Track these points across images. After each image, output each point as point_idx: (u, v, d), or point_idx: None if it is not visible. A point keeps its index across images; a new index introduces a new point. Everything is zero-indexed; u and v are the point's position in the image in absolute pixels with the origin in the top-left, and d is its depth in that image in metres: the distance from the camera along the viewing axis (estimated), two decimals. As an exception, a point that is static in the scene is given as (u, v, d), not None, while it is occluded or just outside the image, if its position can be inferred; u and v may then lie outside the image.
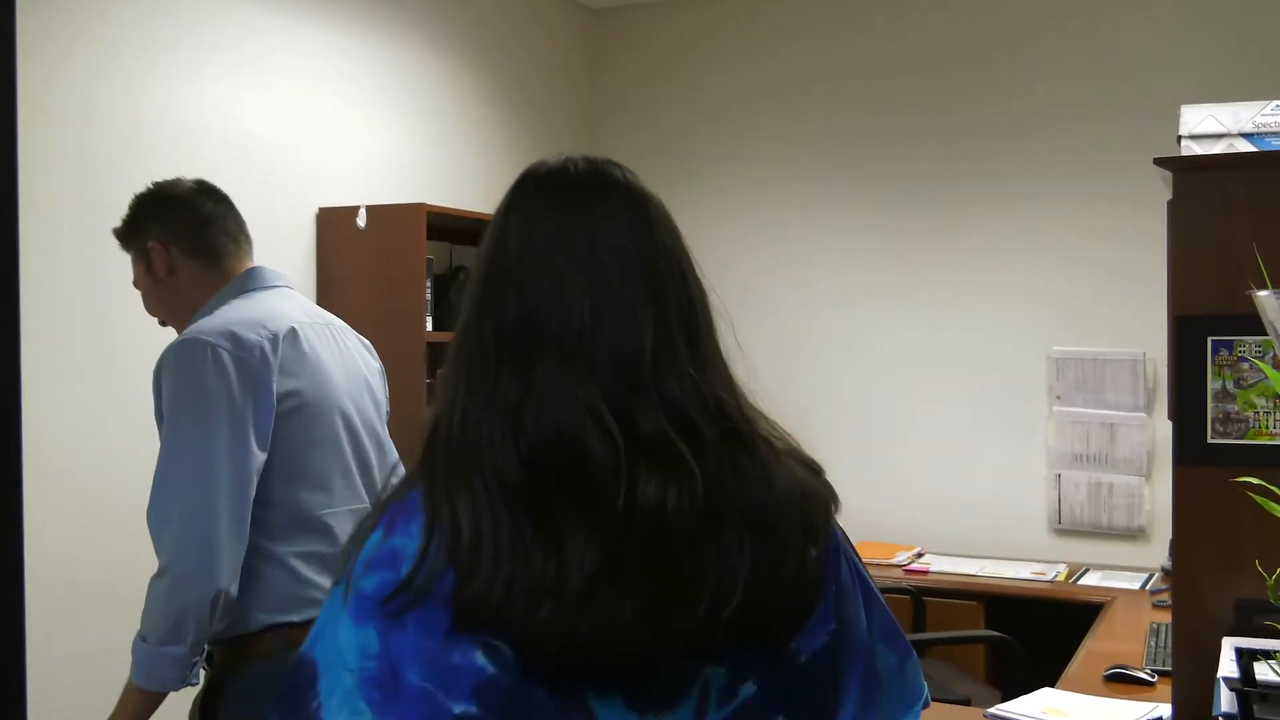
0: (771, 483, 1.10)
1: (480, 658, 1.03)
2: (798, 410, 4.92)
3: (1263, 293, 0.94)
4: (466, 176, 4.49)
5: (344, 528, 2.24)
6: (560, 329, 1.08)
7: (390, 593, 1.05)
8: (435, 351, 3.90)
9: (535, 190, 1.17)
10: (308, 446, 2.23)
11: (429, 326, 3.78)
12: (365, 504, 2.32)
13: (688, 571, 1.03)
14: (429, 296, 3.79)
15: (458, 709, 1.02)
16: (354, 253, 3.78)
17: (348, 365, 2.40)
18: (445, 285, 4.14)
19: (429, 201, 3.90)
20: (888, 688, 1.21)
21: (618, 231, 1.14)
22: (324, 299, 3.81)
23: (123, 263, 2.46)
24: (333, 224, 3.81)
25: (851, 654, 1.16)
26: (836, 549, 1.18)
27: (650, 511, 1.03)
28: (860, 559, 1.22)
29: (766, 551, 1.06)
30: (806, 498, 1.13)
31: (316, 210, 3.82)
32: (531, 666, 1.03)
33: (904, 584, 4.02)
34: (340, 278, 3.80)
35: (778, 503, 1.09)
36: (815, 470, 1.20)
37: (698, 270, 1.22)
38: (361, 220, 3.75)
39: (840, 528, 1.20)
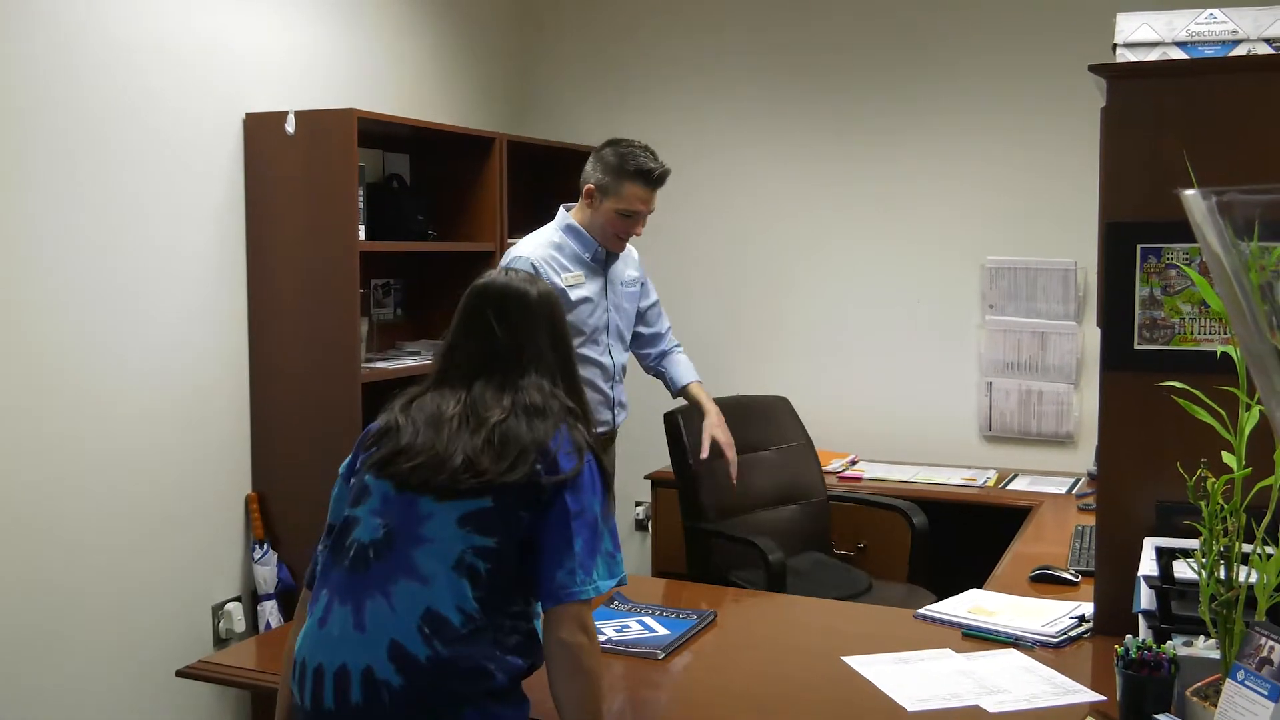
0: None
1: None
2: (733, 323, 4.95)
3: (1189, 191, 0.95)
4: (399, 81, 4.39)
5: None
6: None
7: None
8: (369, 261, 3.85)
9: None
10: None
11: (362, 236, 3.71)
12: None
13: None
14: (361, 205, 3.72)
15: None
16: (283, 160, 3.68)
17: None
18: (378, 194, 4.07)
19: (360, 107, 3.80)
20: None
21: None
22: (253, 208, 3.72)
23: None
24: (261, 130, 3.71)
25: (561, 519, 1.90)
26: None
27: None
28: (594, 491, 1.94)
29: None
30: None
31: (244, 115, 3.71)
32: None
33: (838, 491, 4.09)
34: (270, 186, 3.71)
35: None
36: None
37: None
38: (290, 126, 3.65)
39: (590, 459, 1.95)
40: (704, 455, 3.31)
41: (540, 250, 3.38)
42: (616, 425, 3.55)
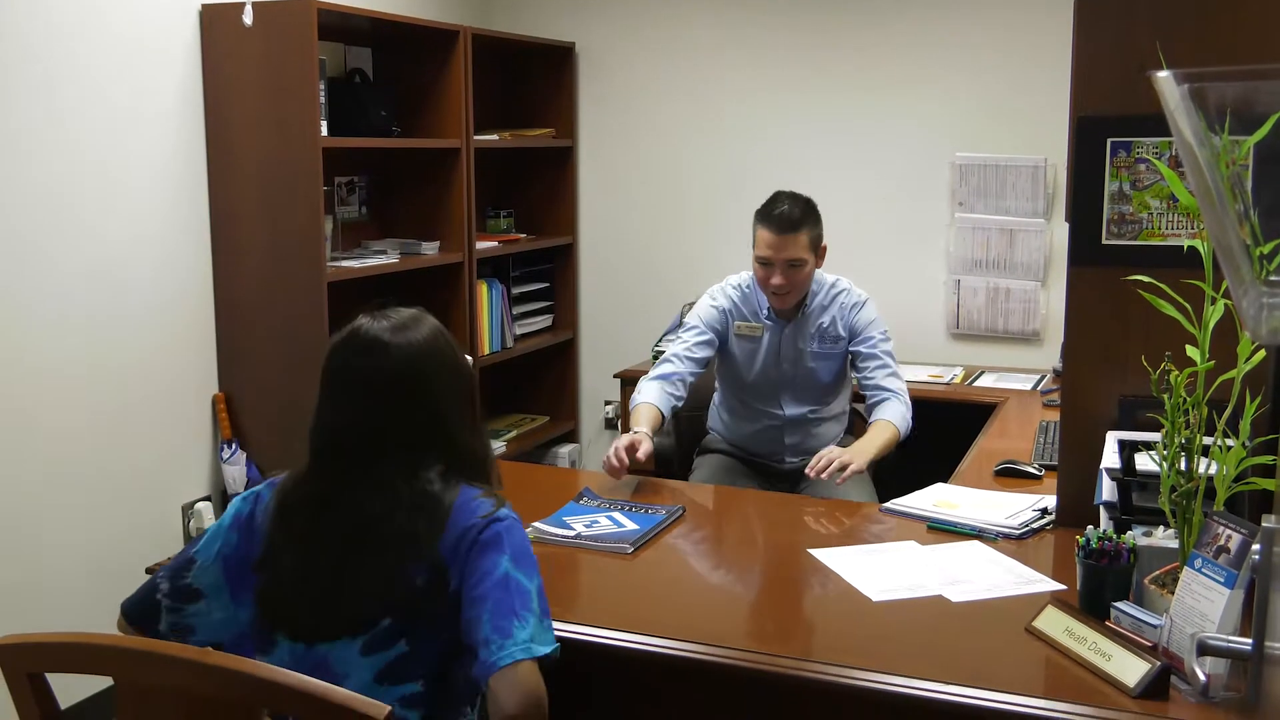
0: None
1: None
2: (701, 221, 4.92)
3: (1163, 73, 0.93)
4: (359, -27, 4.28)
5: None
6: None
7: None
8: (331, 158, 3.78)
9: None
10: None
11: (324, 132, 3.64)
12: None
13: None
14: (323, 100, 3.64)
15: None
16: (241, 54, 3.59)
17: None
18: (340, 89, 3.98)
19: (320, -2, 3.70)
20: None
21: None
22: (212, 105, 3.64)
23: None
24: (217, 22, 3.61)
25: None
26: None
27: None
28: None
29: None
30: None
31: (199, 7, 3.61)
32: None
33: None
34: (228, 82, 3.62)
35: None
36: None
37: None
38: (248, 18, 3.55)
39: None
40: (809, 471, 2.88)
41: (727, 289, 3.35)
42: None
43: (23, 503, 3.14)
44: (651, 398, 3.09)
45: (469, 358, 2.05)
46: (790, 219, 3.11)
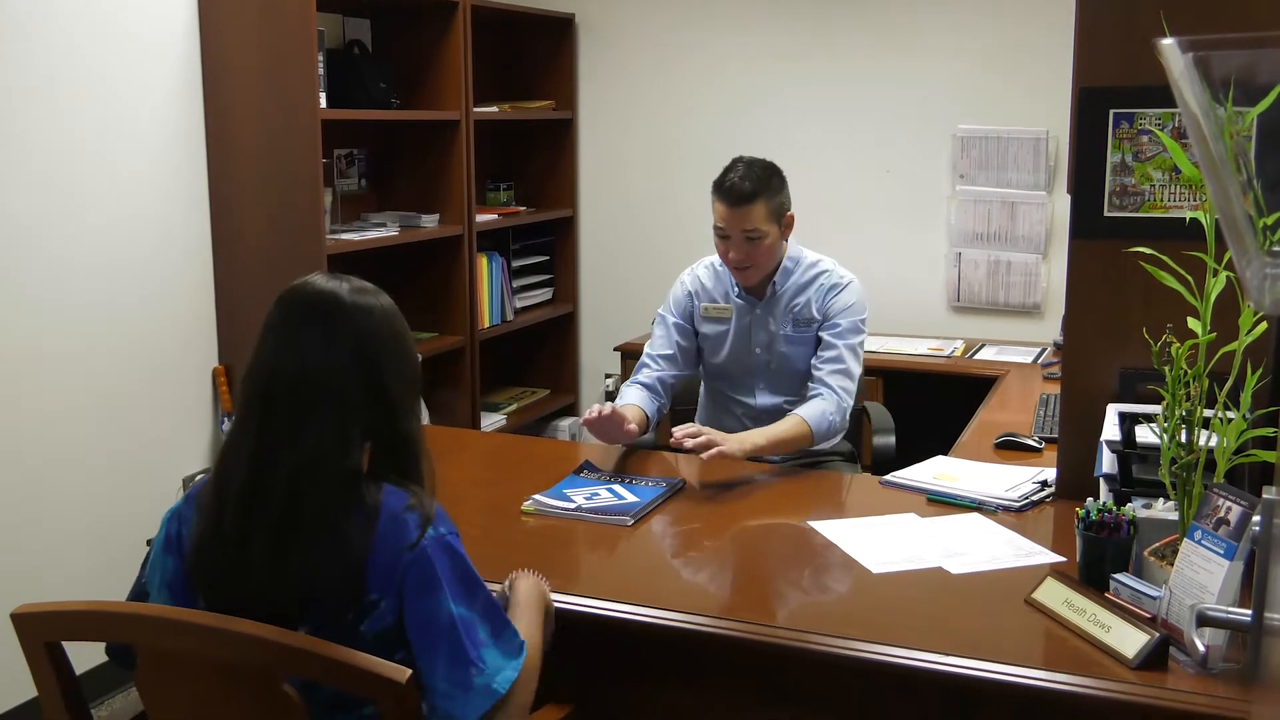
0: None
1: None
2: (700, 195, 4.87)
3: (1167, 41, 0.93)
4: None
5: None
6: None
7: None
8: (330, 131, 3.77)
9: None
10: None
11: (323, 104, 3.62)
12: None
13: None
14: (322, 72, 3.62)
15: None
16: (239, 26, 3.57)
17: None
18: (339, 60, 3.96)
19: (317, -31, 3.68)
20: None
21: None
22: (210, 76, 3.62)
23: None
24: (215, -7, 3.60)
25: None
26: None
27: None
28: None
29: None
30: None
31: (197, -22, 3.60)
32: None
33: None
34: (226, 54, 3.60)
35: None
36: None
37: None
38: (245, -11, 3.53)
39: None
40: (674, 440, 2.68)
41: (698, 269, 3.19)
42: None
43: (24, 475, 3.15)
44: (632, 399, 2.97)
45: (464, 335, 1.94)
46: (741, 190, 2.89)
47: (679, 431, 2.60)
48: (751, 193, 2.89)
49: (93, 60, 3.26)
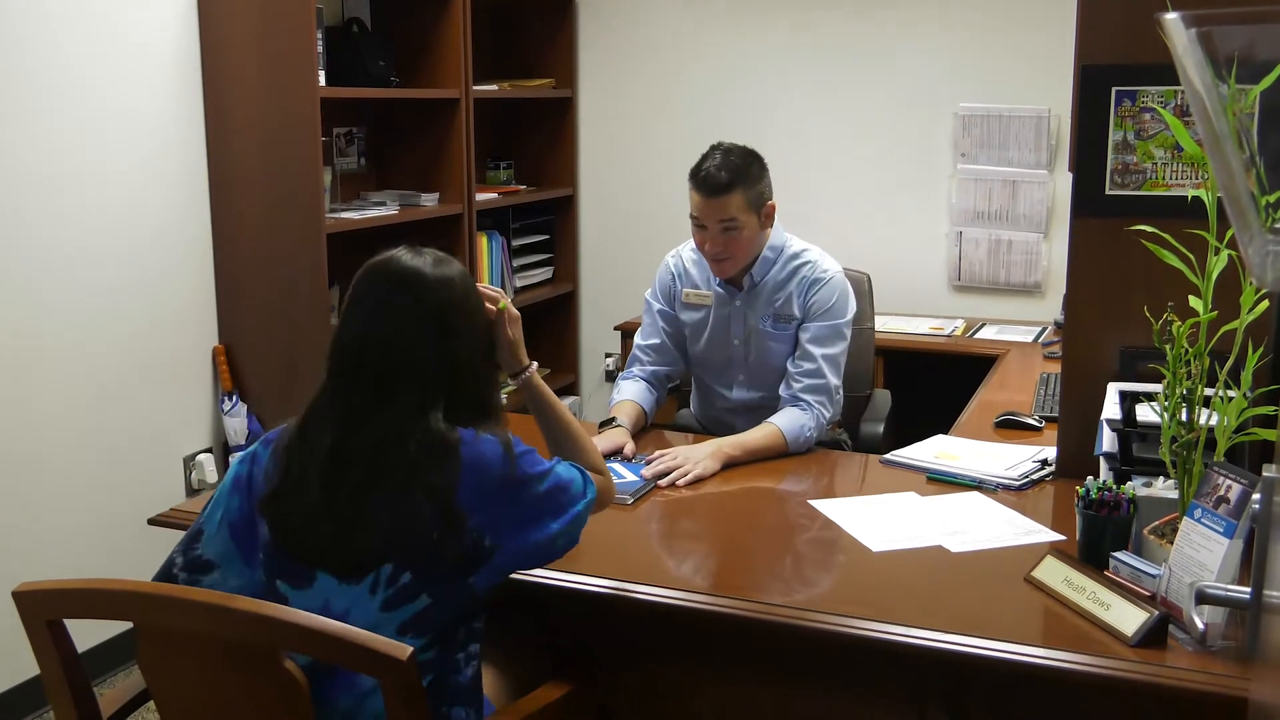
0: None
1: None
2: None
3: (1170, 15, 0.92)
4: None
5: None
6: None
7: None
8: (329, 109, 3.75)
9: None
10: None
11: (322, 81, 3.61)
12: None
13: None
14: (320, 49, 3.61)
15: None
16: (237, 3, 3.55)
17: None
18: (337, 38, 3.94)
19: (316, -54, 3.66)
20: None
21: None
22: (209, 55, 3.60)
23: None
24: (213, -30, 3.58)
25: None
26: None
27: None
28: None
29: None
30: None
31: (194, -45, 3.58)
32: None
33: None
34: (224, 32, 3.59)
35: None
36: None
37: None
38: (243, -34, 3.51)
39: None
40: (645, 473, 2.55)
41: (684, 252, 3.11)
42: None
43: (25, 455, 3.15)
44: (629, 394, 2.93)
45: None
46: (717, 180, 2.76)
47: (648, 473, 2.51)
48: (728, 182, 2.77)
49: (92, 40, 3.24)
